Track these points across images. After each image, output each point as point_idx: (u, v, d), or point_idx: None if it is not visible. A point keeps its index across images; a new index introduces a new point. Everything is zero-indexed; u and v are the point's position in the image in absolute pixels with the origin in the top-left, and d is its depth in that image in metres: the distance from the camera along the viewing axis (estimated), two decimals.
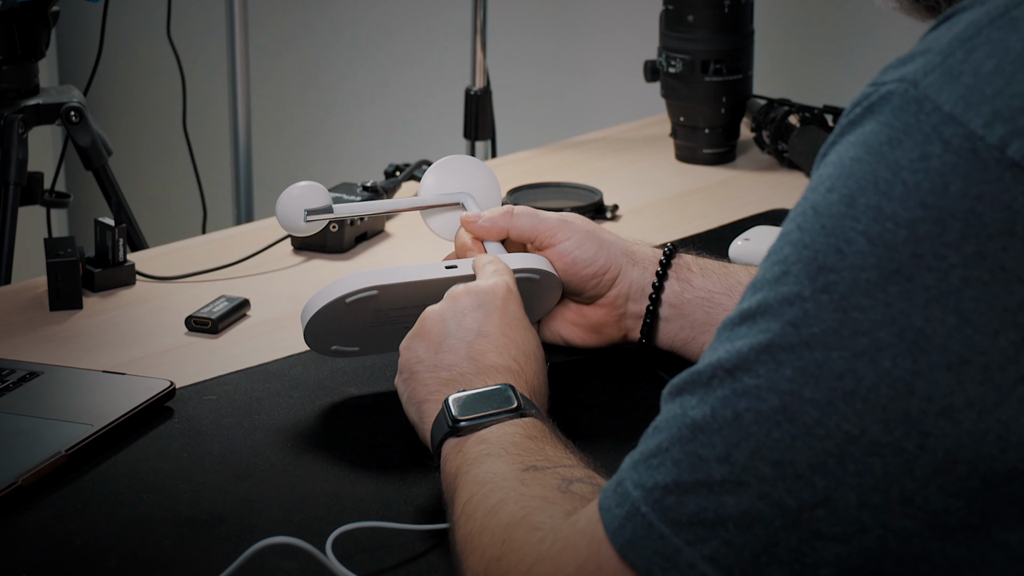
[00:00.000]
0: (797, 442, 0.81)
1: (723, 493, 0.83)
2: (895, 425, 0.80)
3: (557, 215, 1.34)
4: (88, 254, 1.59)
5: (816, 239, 0.82)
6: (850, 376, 0.80)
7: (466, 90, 2.35)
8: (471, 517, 1.00)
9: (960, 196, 0.79)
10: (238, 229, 1.87)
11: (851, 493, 0.81)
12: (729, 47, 1.97)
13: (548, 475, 1.01)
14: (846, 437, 0.80)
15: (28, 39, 2.05)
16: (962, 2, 0.85)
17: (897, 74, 0.83)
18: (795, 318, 0.82)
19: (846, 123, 0.84)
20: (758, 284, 0.85)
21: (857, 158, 0.82)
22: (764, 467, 0.82)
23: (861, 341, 0.80)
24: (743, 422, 0.82)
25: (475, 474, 1.04)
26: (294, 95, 3.17)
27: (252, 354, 1.44)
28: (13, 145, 2.02)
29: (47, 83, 2.29)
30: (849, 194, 0.82)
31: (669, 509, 0.84)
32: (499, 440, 1.07)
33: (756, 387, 0.82)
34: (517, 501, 0.98)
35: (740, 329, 0.84)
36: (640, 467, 0.86)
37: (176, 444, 1.27)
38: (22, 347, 1.45)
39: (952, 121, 0.80)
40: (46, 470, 1.19)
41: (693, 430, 0.84)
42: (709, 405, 0.84)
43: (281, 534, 1.08)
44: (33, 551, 1.12)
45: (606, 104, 2.80)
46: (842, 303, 0.81)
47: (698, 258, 1.35)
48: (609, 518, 0.87)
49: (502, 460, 1.05)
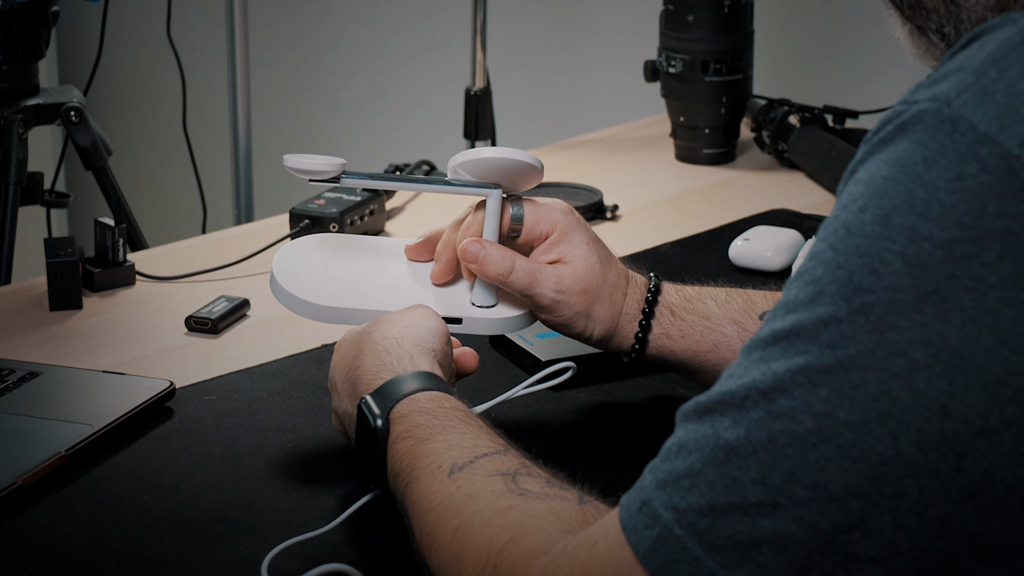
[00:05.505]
0: (832, 464, 0.80)
1: (758, 516, 0.82)
2: (931, 447, 0.79)
3: (554, 278, 1.27)
4: (88, 254, 1.59)
5: (850, 259, 0.81)
6: (885, 397, 0.80)
7: (466, 90, 2.35)
8: (433, 548, 1.00)
9: (997, 216, 0.78)
10: (238, 229, 1.87)
11: (886, 516, 0.80)
12: (729, 47, 1.97)
13: (478, 471, 1.01)
14: (881, 459, 0.80)
15: (28, 39, 2.04)
16: (991, 21, 0.84)
17: (929, 93, 0.82)
18: (831, 339, 0.81)
19: (876, 141, 0.84)
20: (791, 305, 0.84)
21: (891, 177, 0.81)
22: (799, 489, 0.81)
23: (897, 362, 0.79)
24: (778, 444, 0.82)
25: (412, 507, 1.05)
26: (294, 95, 3.16)
27: (252, 354, 1.44)
28: (13, 145, 2.02)
29: (47, 83, 2.29)
30: (884, 214, 0.81)
31: (704, 532, 0.83)
32: (404, 463, 1.08)
33: (791, 409, 0.82)
34: (479, 521, 0.97)
35: (773, 350, 0.83)
36: (669, 488, 0.85)
37: (176, 444, 1.27)
38: (22, 347, 1.45)
39: (988, 141, 0.79)
40: (46, 470, 1.19)
41: (727, 452, 0.83)
42: (743, 427, 0.83)
43: (281, 534, 1.08)
44: (33, 551, 1.12)
45: (606, 104, 2.80)
46: (878, 324, 0.80)
47: (675, 319, 1.29)
48: (638, 540, 0.85)
49: (423, 480, 1.05)
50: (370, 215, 1.75)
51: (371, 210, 1.75)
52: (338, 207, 1.71)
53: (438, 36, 2.96)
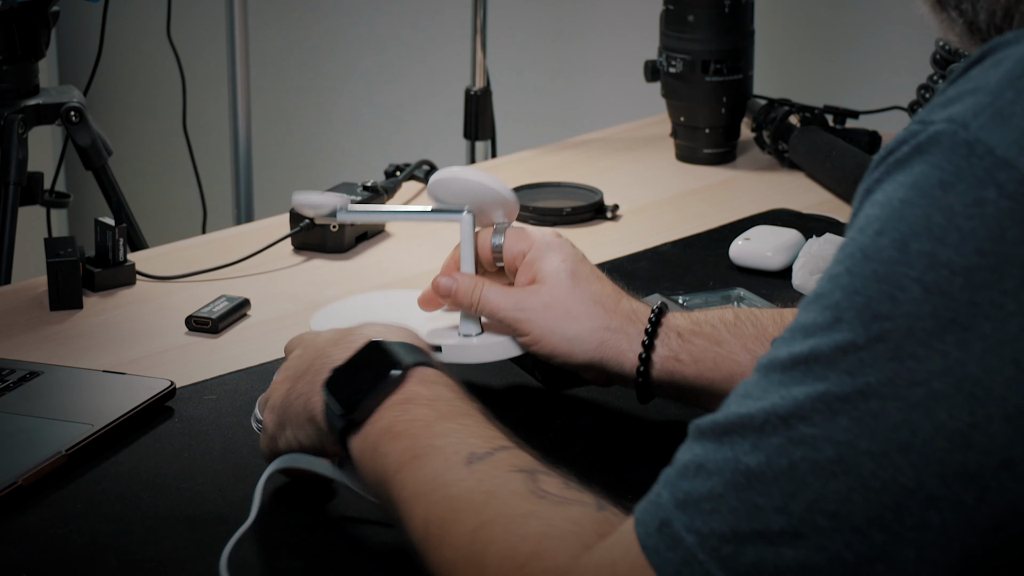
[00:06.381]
0: (854, 494, 0.79)
1: (781, 544, 0.81)
2: (953, 479, 0.78)
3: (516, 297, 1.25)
4: (88, 254, 1.59)
5: (868, 285, 0.80)
6: (906, 428, 0.78)
7: (466, 90, 2.35)
8: (446, 543, 0.96)
9: (1017, 242, 0.77)
10: (238, 229, 1.87)
11: (909, 548, 0.79)
12: (729, 47, 1.97)
13: (498, 466, 0.98)
14: (903, 490, 0.78)
15: (28, 39, 2.05)
16: (1005, 35, 0.83)
17: (945, 114, 0.80)
18: (850, 367, 0.80)
19: (892, 161, 0.82)
20: (809, 328, 0.82)
21: (907, 200, 0.80)
22: (821, 519, 0.80)
23: (917, 392, 0.78)
24: (799, 472, 0.80)
25: (415, 487, 1.00)
26: (294, 95, 3.17)
27: (252, 354, 1.44)
28: (13, 145, 2.02)
29: (47, 83, 2.29)
30: (901, 239, 0.80)
31: (727, 559, 0.82)
32: (415, 433, 1.02)
33: (812, 437, 0.80)
34: (501, 523, 0.94)
35: (792, 374, 0.82)
36: (691, 510, 0.84)
37: (176, 444, 1.27)
38: (22, 347, 1.45)
39: (1006, 165, 0.78)
40: (46, 470, 1.19)
41: (748, 477, 0.82)
42: (764, 452, 0.82)
43: (281, 534, 1.08)
44: (33, 551, 1.12)
45: (606, 104, 2.80)
46: (897, 352, 0.79)
47: (684, 342, 1.24)
48: (661, 562, 0.84)
49: (436, 461, 1.00)
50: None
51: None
52: None
53: (438, 36, 2.96)
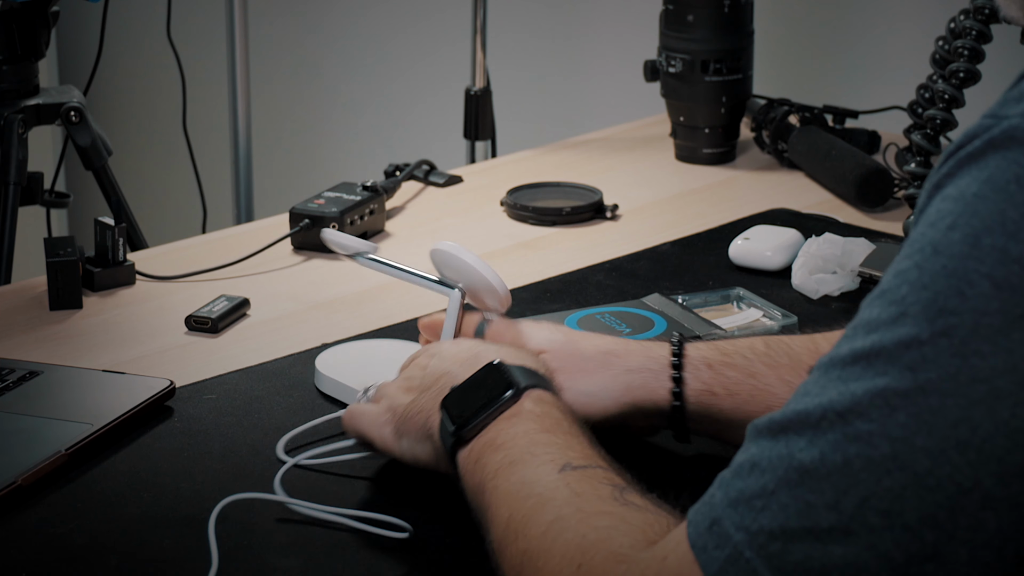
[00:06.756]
0: (907, 492, 0.78)
1: (830, 542, 0.80)
2: (1011, 479, 0.77)
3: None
4: (88, 254, 1.59)
5: (936, 279, 0.79)
6: (965, 425, 0.77)
7: (466, 90, 2.35)
8: (522, 535, 0.97)
9: None
10: (238, 229, 1.87)
11: (962, 549, 0.78)
12: (729, 47, 1.97)
13: (590, 477, 0.99)
14: (958, 489, 0.77)
15: (28, 39, 2.05)
16: None
17: (1020, 109, 0.79)
18: (912, 362, 0.79)
19: (964, 156, 0.81)
20: (872, 324, 0.82)
21: (981, 195, 0.79)
22: (873, 517, 0.79)
23: (979, 389, 0.77)
24: (853, 469, 0.80)
25: (507, 488, 1.01)
26: (294, 95, 3.17)
27: (252, 353, 1.44)
28: (13, 145, 2.02)
29: (47, 83, 2.29)
30: (973, 233, 0.79)
31: (774, 556, 0.81)
32: (517, 443, 1.04)
33: (868, 433, 0.79)
34: (577, 518, 0.95)
35: (852, 370, 0.81)
36: (741, 508, 0.83)
37: (176, 444, 1.27)
38: (22, 347, 1.45)
39: None
40: (46, 469, 1.19)
41: (801, 474, 0.81)
42: (819, 449, 0.81)
43: (281, 534, 1.08)
44: (33, 551, 1.12)
45: (606, 104, 2.80)
46: (961, 348, 0.78)
47: (716, 374, 1.20)
48: (707, 560, 0.84)
49: (531, 467, 1.01)
50: (370, 215, 1.75)
51: (371, 210, 1.75)
52: (338, 207, 1.71)
53: (438, 36, 2.96)
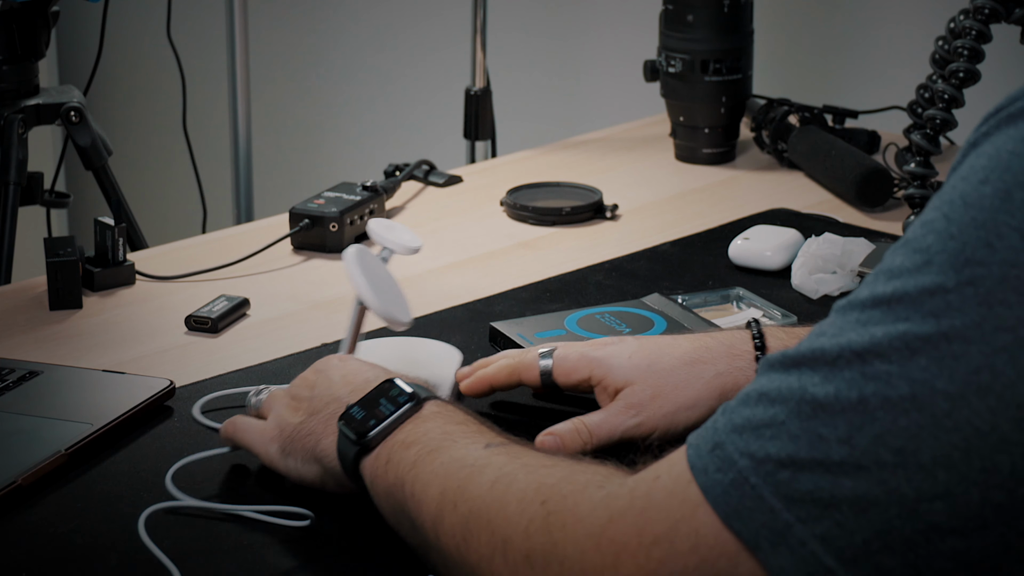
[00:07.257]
0: (923, 432, 0.80)
1: (840, 475, 0.81)
2: None
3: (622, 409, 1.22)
4: (88, 254, 1.59)
5: (965, 230, 0.80)
6: (987, 371, 0.79)
7: (466, 90, 2.35)
8: (461, 500, 0.97)
9: None
10: (238, 229, 1.87)
11: (974, 489, 0.79)
12: (729, 47, 1.97)
13: (522, 446, 0.99)
14: (975, 432, 0.79)
15: (28, 39, 2.05)
16: None
17: None
18: (935, 308, 0.80)
19: (1004, 116, 0.83)
20: (895, 270, 0.83)
21: (1016, 152, 0.81)
22: (886, 453, 0.80)
23: (1003, 337, 0.79)
24: (869, 406, 0.81)
25: (432, 470, 1.01)
26: (294, 95, 3.17)
27: (251, 353, 1.44)
28: (13, 145, 2.02)
29: (47, 83, 2.29)
30: (1005, 188, 0.80)
31: (782, 484, 0.82)
32: (431, 436, 1.04)
33: (887, 373, 0.81)
34: (526, 471, 0.95)
35: (872, 313, 0.83)
36: (747, 435, 0.84)
37: (176, 443, 1.27)
38: (22, 347, 1.45)
39: None
40: (46, 469, 1.19)
41: (814, 407, 0.82)
42: (833, 385, 0.82)
43: (281, 533, 1.08)
44: (33, 551, 1.12)
45: (606, 104, 2.80)
46: (987, 297, 0.79)
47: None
48: (709, 483, 0.85)
49: (453, 449, 1.01)
50: (370, 214, 1.75)
51: (371, 210, 1.75)
52: (338, 206, 1.71)
53: (438, 36, 2.96)
